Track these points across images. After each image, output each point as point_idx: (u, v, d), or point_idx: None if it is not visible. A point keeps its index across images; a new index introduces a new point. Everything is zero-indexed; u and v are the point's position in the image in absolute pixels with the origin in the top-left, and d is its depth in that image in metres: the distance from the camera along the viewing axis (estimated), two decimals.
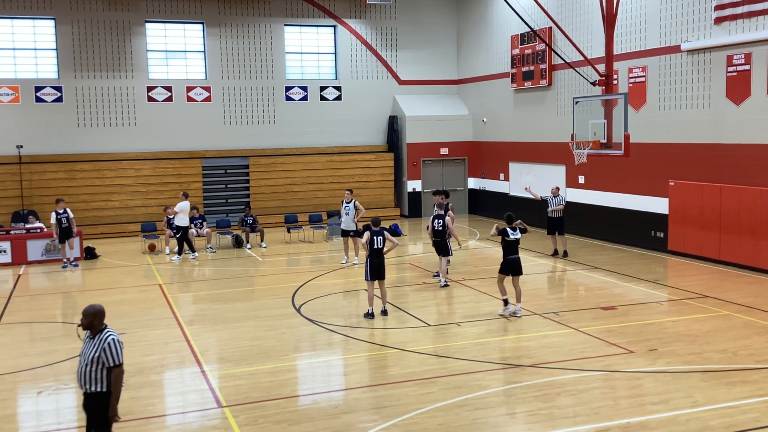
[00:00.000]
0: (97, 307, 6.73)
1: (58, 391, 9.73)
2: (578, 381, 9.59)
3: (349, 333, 12.15)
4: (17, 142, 23.40)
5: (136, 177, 24.72)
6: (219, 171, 26.04)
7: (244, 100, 26.38)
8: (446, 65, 28.74)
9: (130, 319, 13.26)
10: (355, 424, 8.37)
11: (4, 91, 23.83)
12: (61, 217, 18.73)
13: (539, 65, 23.61)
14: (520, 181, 25.09)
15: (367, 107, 27.78)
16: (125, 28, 24.86)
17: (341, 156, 27.26)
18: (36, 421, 8.62)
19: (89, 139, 24.65)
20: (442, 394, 9.15)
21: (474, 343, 11.48)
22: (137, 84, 25.12)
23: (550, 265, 18.06)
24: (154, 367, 10.74)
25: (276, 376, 10.06)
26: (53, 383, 9.97)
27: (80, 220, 22.82)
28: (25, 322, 13.50)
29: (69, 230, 18.83)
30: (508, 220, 13.03)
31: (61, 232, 18.70)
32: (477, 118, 27.81)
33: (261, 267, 18.73)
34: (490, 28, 26.53)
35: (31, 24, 24.23)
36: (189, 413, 9.02)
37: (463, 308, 13.89)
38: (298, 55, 27.27)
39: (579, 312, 13.20)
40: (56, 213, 18.74)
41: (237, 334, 12.24)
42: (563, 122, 22.01)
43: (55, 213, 18.75)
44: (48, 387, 9.77)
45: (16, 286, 16.78)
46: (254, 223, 21.87)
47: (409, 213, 27.47)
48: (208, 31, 25.77)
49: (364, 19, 27.54)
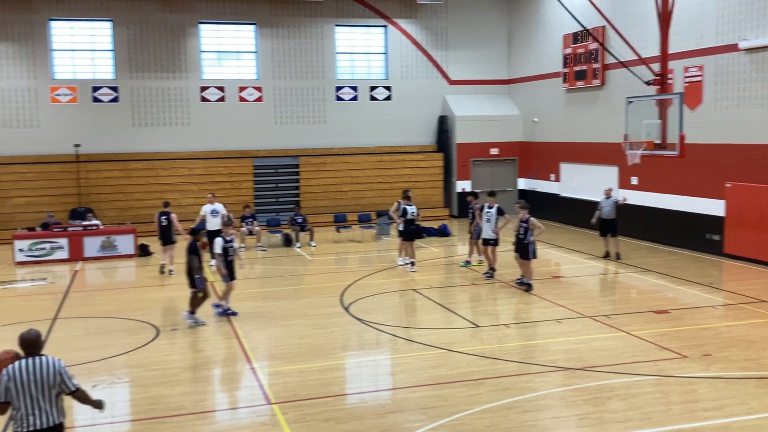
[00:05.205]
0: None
1: (112, 384, 9.97)
2: (630, 385, 9.41)
3: (397, 333, 12.15)
4: (75, 141, 24.07)
5: (189, 176, 25.19)
6: (270, 170, 26.34)
7: (295, 100, 26.63)
8: (497, 65, 28.52)
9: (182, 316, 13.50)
10: (402, 423, 8.36)
11: (63, 91, 24.54)
12: (162, 218, 17.71)
13: (592, 64, 23.26)
14: (571, 181, 24.75)
15: (416, 107, 27.76)
16: (179, 30, 25.35)
17: (391, 156, 27.30)
18: (90, 414, 8.83)
19: (144, 138, 25.21)
20: (490, 396, 9.08)
21: (523, 345, 11.37)
22: (191, 84, 25.59)
23: (602, 267, 17.76)
24: (205, 363, 10.93)
25: (324, 375, 10.13)
26: (107, 377, 10.22)
27: (134, 218, 23.41)
28: (81, 317, 13.86)
29: (168, 232, 17.61)
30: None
31: (161, 233, 17.69)
32: (528, 118, 27.53)
33: (310, 266, 18.88)
34: (541, 27, 26.24)
35: (90, 26, 24.90)
36: (239, 409, 9.16)
37: (511, 310, 13.77)
38: (348, 55, 27.41)
39: (631, 315, 12.95)
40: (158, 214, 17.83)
41: (286, 332, 12.36)
42: (616, 122, 21.61)
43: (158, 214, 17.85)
44: (102, 381, 10.01)
45: (73, 282, 17.26)
46: (304, 222, 22.06)
47: (458, 213, 27.35)
48: (261, 31, 26.09)
49: (415, 19, 27.52)
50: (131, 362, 10.89)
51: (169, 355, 11.19)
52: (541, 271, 16.44)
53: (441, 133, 27.85)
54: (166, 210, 17.89)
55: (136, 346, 11.62)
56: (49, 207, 23.12)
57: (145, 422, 8.57)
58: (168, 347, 11.59)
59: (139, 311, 13.90)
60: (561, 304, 13.71)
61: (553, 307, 13.57)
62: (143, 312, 13.83)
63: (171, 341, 11.92)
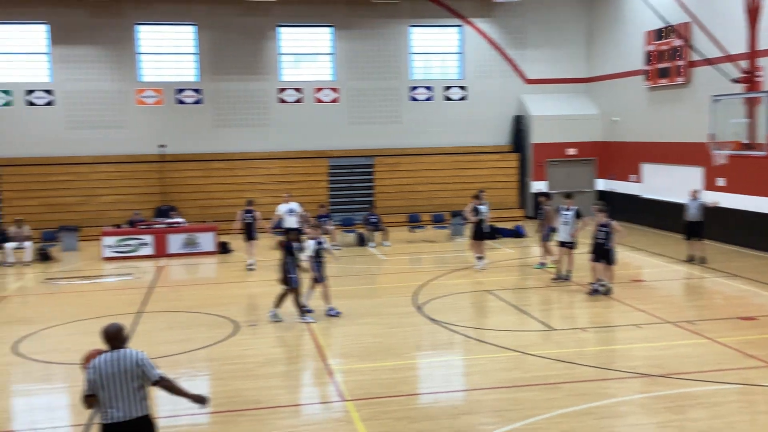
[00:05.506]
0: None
1: (194, 377, 10.29)
2: (713, 393, 9.09)
3: (470, 334, 12.09)
4: (160, 141, 24.93)
5: (266, 176, 25.72)
6: (344, 170, 26.63)
7: (370, 101, 26.83)
8: (575, 63, 27.98)
9: (260, 313, 13.81)
10: (476, 425, 8.32)
11: (148, 93, 25.46)
12: (246, 215, 18.45)
13: (675, 62, 22.54)
14: (653, 182, 24.05)
15: (492, 107, 27.52)
16: (259, 33, 25.91)
17: (465, 156, 27.16)
18: (172, 405, 9.12)
19: (224, 139, 25.89)
20: (567, 401, 8.93)
21: (601, 350, 11.13)
22: (269, 86, 26.12)
23: (685, 271, 17.20)
24: (281, 359, 11.15)
25: (397, 373, 10.17)
26: (189, 369, 10.55)
27: (214, 216, 24.04)
28: (165, 311, 14.36)
29: (251, 229, 18.37)
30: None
31: (245, 230, 18.44)
32: (607, 117, 26.89)
33: (383, 265, 18.99)
34: (622, 24, 25.59)
35: (174, 30, 25.74)
36: (314, 405, 9.31)
37: (588, 314, 13.49)
38: (423, 56, 27.42)
39: (716, 321, 12.49)
40: (242, 211, 18.58)
41: (359, 330, 12.48)
42: (701, 121, 20.85)
43: (242, 211, 18.60)
44: (184, 373, 10.32)
45: (157, 277, 17.89)
46: (378, 222, 22.19)
47: (533, 214, 26.96)
48: (337, 33, 26.39)
49: (491, 18, 27.29)
50: (212, 356, 11.21)
51: (248, 350, 11.46)
52: (621, 274, 16.04)
53: (516, 133, 27.52)
54: (250, 208, 18.63)
55: (216, 340, 11.96)
56: (134, 205, 24.04)
57: (224, 414, 8.81)
58: (246, 342, 11.87)
59: (219, 306, 14.29)
60: (641, 309, 13.35)
61: (633, 312, 13.22)
62: (223, 307, 14.21)
63: (249, 337, 12.21)
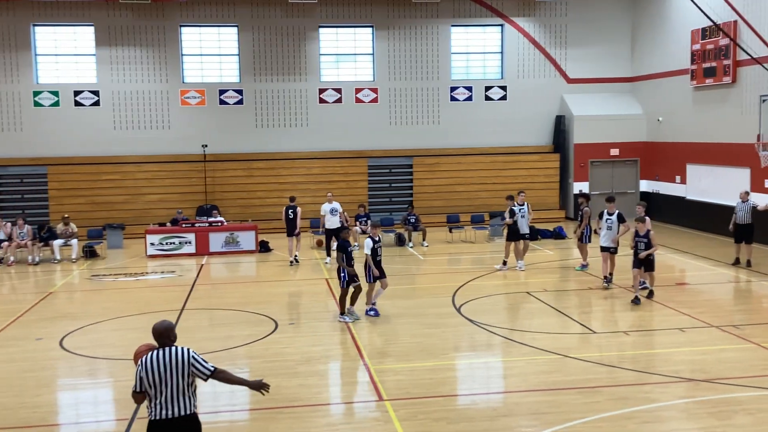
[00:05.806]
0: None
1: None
2: (758, 399, 8.88)
3: (510, 335, 12.01)
4: (202, 141, 25.27)
5: (307, 175, 25.90)
6: (384, 170, 26.67)
7: (410, 101, 26.82)
8: (619, 62, 27.58)
9: (299, 311, 13.92)
10: (514, 428, 8.26)
11: (192, 94, 25.84)
12: (289, 212, 19.02)
13: (722, 61, 22.06)
14: (699, 184, 23.58)
15: (533, 107, 27.29)
16: (300, 34, 26.10)
17: (505, 156, 26.98)
18: (212, 401, 9.26)
19: (265, 139, 26.14)
20: (607, 405, 8.81)
21: (643, 354, 10.95)
22: (310, 86, 26.30)
23: (731, 274, 16.82)
24: (320, 358, 11.21)
25: (436, 374, 10.16)
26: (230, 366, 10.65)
27: (256, 216, 24.30)
28: (206, 308, 14.56)
29: (294, 224, 18.91)
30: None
31: (287, 224, 19.02)
32: (651, 117, 26.45)
33: (422, 266, 18.96)
34: (668, 23, 25.14)
35: (217, 31, 26.08)
36: (352, 404, 9.34)
37: (630, 317, 13.28)
38: (463, 55, 27.31)
39: (763, 326, 12.20)
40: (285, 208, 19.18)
41: (398, 330, 12.49)
42: (748, 122, 20.42)
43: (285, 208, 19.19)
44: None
45: (199, 275, 18.15)
46: (417, 222, 22.17)
47: (574, 215, 26.65)
48: (377, 33, 26.44)
49: (533, 17, 27.06)
50: (252, 353, 11.34)
51: (286, 348, 11.56)
52: (664, 277, 15.76)
53: (558, 133, 27.24)
54: (292, 204, 19.26)
55: (256, 337, 12.09)
56: (178, 204, 24.42)
57: (263, 412, 8.89)
58: (286, 340, 11.98)
59: (259, 304, 14.44)
60: (685, 313, 13.11)
61: (677, 316, 12.99)
62: (263, 305, 14.35)
63: (289, 335, 12.32)
